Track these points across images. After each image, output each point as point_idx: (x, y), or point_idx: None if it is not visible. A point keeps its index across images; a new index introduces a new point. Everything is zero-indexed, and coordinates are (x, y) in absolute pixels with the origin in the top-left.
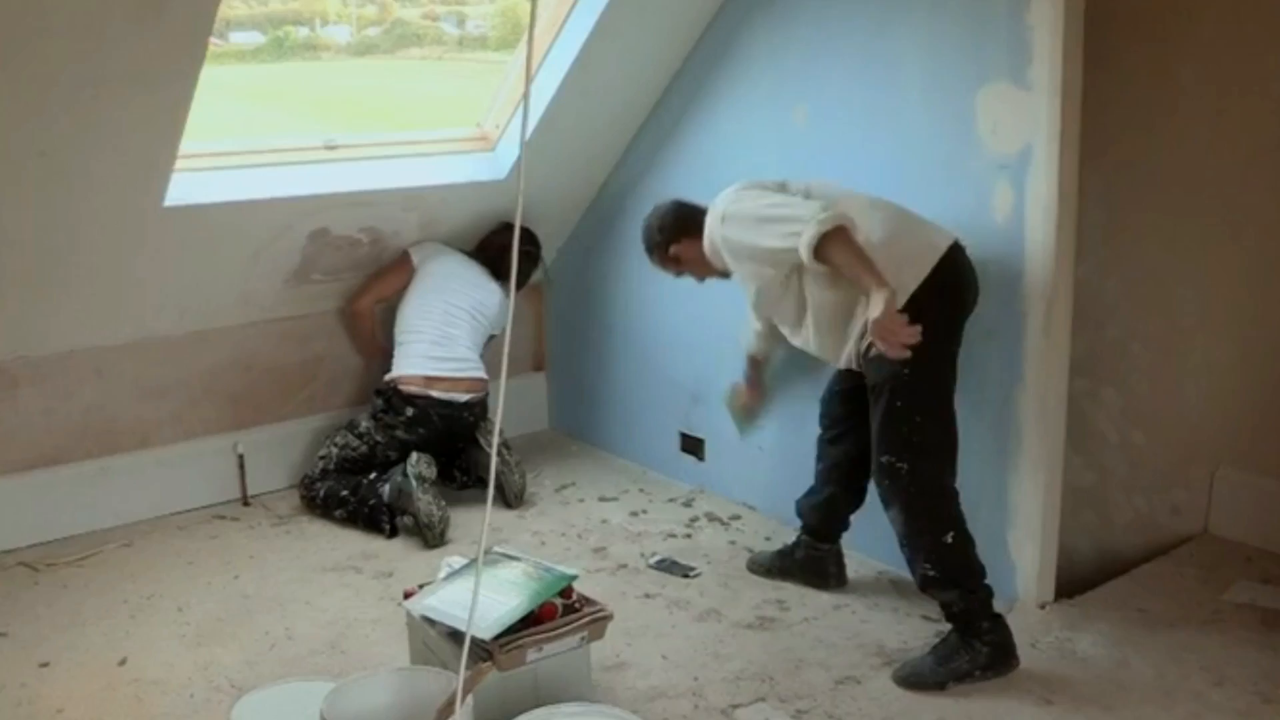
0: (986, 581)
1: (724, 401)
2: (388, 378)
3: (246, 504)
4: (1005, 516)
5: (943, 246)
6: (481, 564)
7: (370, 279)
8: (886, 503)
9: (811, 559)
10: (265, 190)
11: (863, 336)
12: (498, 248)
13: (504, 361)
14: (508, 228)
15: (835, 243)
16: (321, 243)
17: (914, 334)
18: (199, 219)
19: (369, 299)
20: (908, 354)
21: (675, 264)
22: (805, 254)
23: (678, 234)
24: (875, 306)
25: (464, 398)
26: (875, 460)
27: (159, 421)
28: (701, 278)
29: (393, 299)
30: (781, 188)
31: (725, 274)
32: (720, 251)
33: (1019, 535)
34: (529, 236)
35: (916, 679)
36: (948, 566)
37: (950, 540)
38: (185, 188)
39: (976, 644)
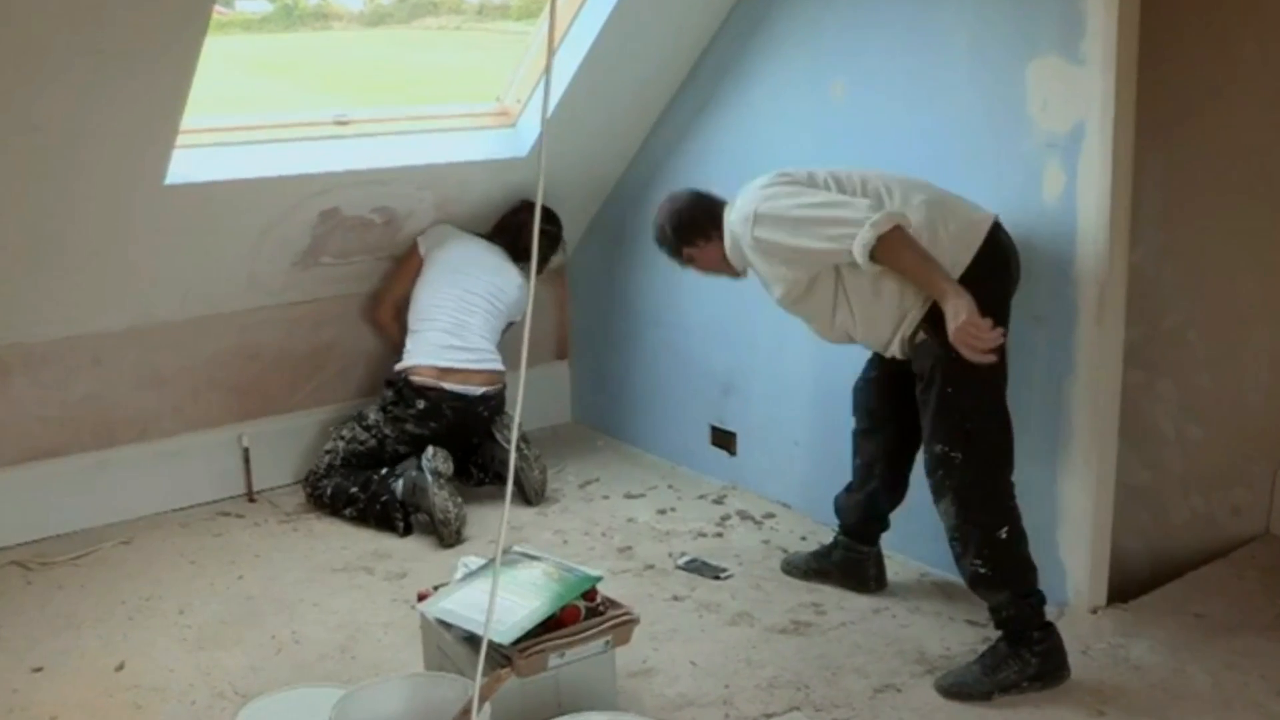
0: (1040, 587)
1: None
2: (398, 367)
3: (252, 500)
4: (1054, 516)
5: (985, 225)
6: (500, 564)
7: (384, 283)
8: (938, 495)
9: (850, 561)
10: (272, 168)
11: (909, 323)
12: (517, 227)
13: (523, 350)
14: (527, 206)
15: (894, 244)
16: (332, 223)
17: (998, 337)
18: (202, 198)
19: (387, 307)
20: (994, 359)
21: (687, 262)
22: (861, 257)
23: (694, 235)
24: (953, 313)
25: (479, 391)
26: (928, 450)
27: (160, 412)
28: (710, 274)
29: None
30: (810, 180)
31: (739, 274)
32: (746, 252)
33: (1069, 536)
34: (549, 215)
35: (961, 688)
36: (1000, 564)
37: (1004, 536)
38: (187, 165)
39: (1026, 653)
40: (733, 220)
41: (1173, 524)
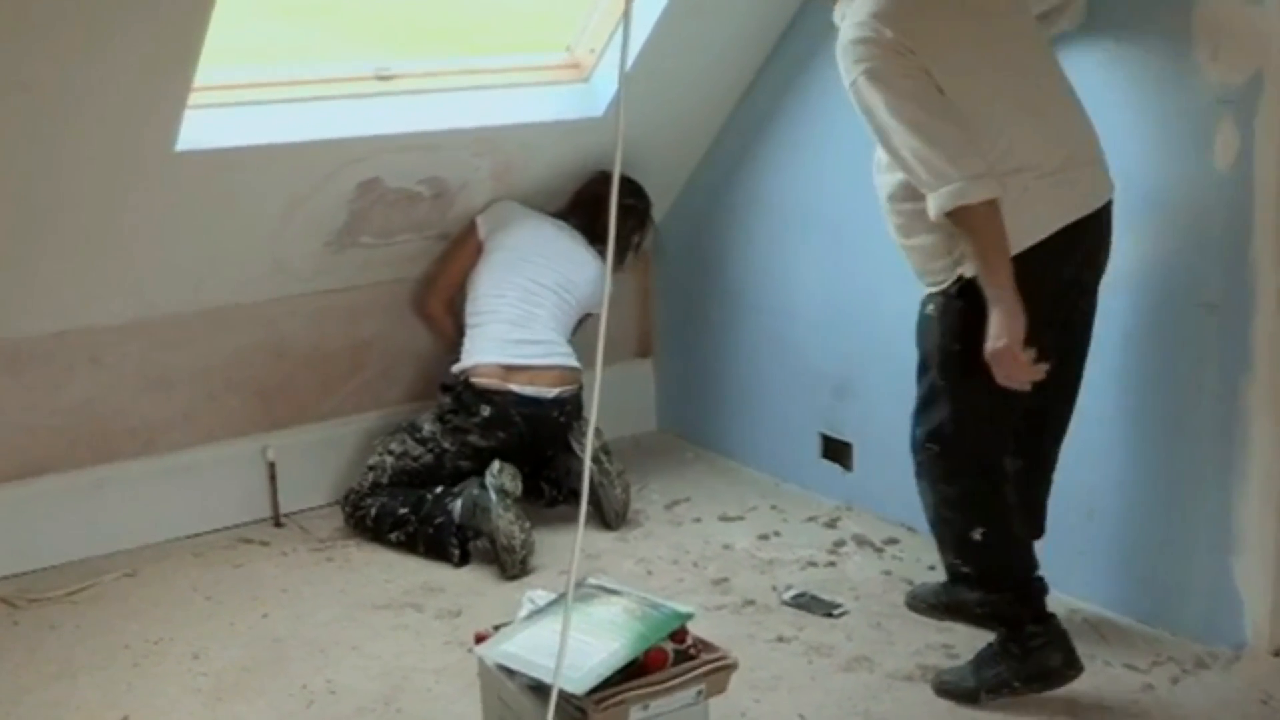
0: (1036, 575)
1: None
2: (457, 368)
3: (279, 525)
4: (1228, 540)
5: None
6: (573, 599)
7: (435, 268)
8: (917, 475)
9: None
10: (302, 131)
11: (946, 268)
12: (595, 203)
13: (599, 345)
14: (606, 178)
15: (974, 218)
16: (372, 197)
17: (1037, 373)
18: (218, 167)
19: (438, 297)
20: (1028, 388)
21: None
22: (934, 209)
23: None
24: (996, 332)
25: (552, 392)
26: (911, 427)
27: (169, 421)
28: None
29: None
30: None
31: None
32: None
33: (1246, 564)
34: (633, 188)
35: (950, 686)
36: (976, 564)
37: (978, 537)
38: (201, 128)
39: (1015, 649)
40: (847, 26)
41: None
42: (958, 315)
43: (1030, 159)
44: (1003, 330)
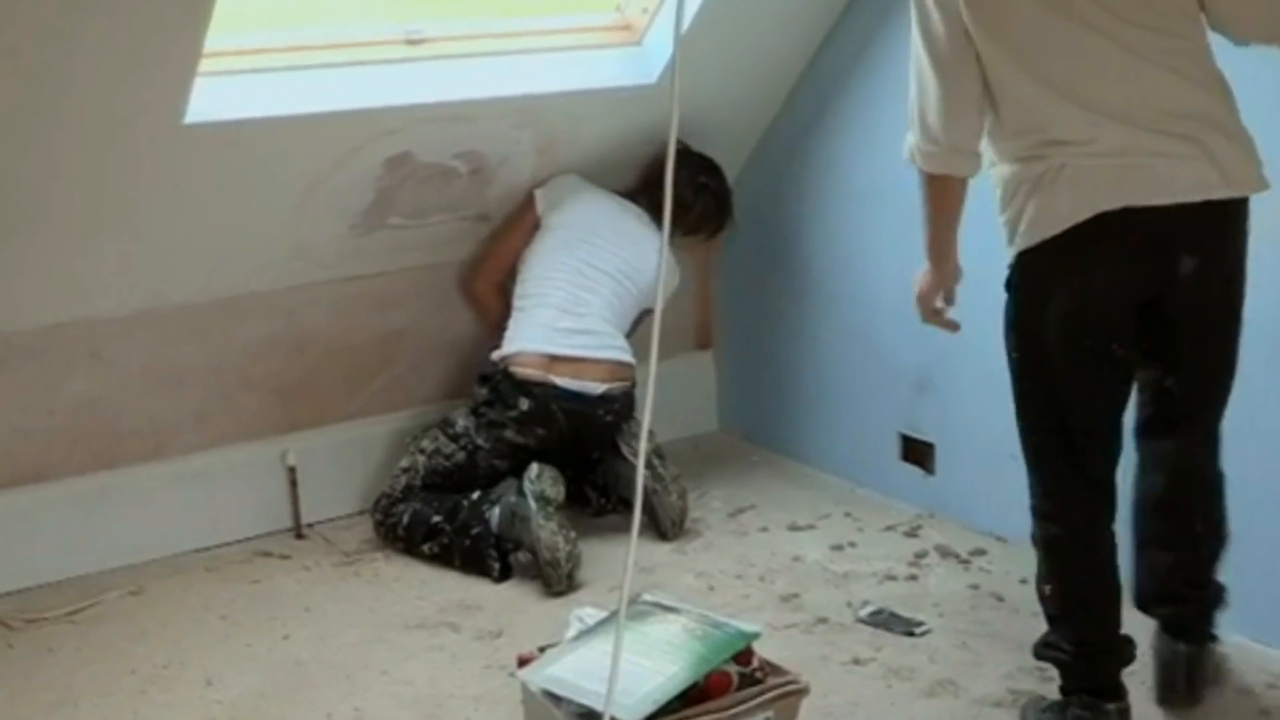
0: (1103, 644)
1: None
2: (496, 355)
3: (300, 536)
4: None
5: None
6: (625, 617)
7: (487, 246)
8: None
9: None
10: (324, 101)
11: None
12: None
13: (654, 335)
14: (684, 153)
15: (923, 180)
16: (402, 173)
17: (938, 321)
18: (231, 141)
19: (488, 276)
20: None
21: None
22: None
23: None
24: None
25: (599, 388)
26: None
27: (178, 422)
28: None
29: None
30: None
31: None
32: None
33: None
34: (708, 166)
35: None
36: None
37: (1048, 591)
38: (212, 98)
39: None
40: None
41: None
42: (1007, 309)
43: (1074, 135)
44: (918, 280)
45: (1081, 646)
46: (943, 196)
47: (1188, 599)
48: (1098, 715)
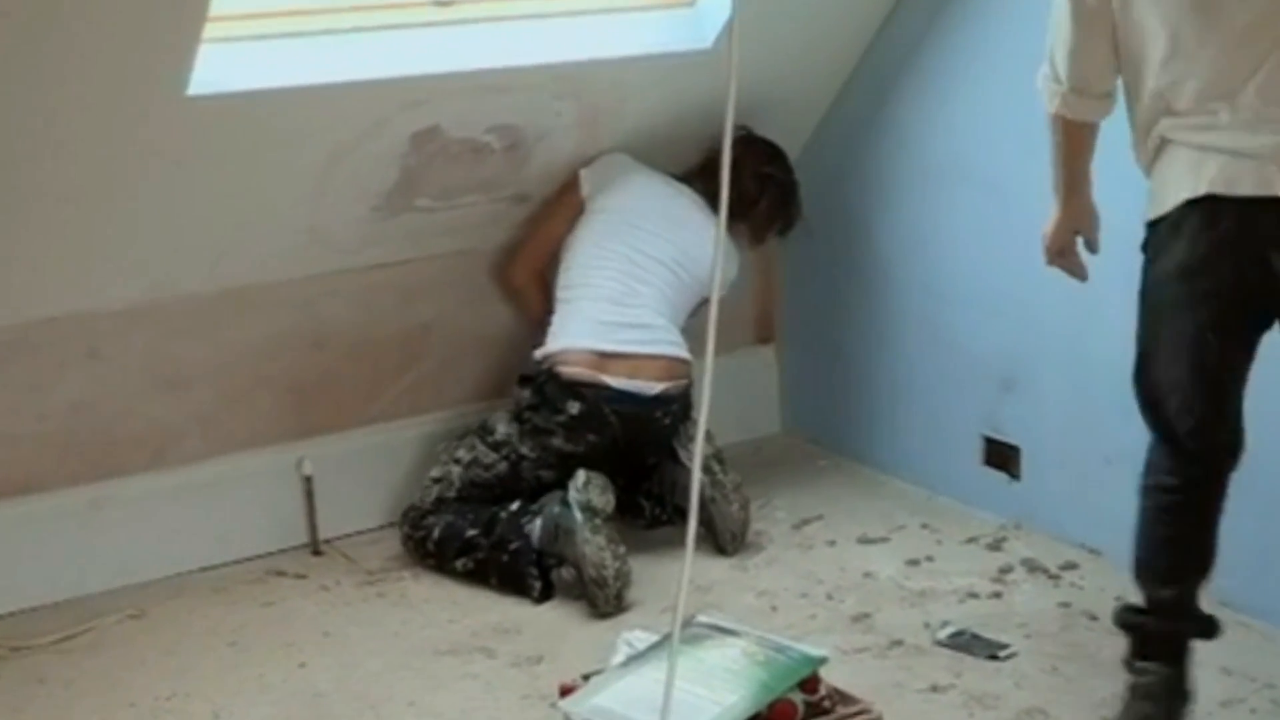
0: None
1: None
2: (540, 353)
3: (318, 553)
4: None
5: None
6: (679, 641)
7: (526, 229)
8: None
9: None
10: (343, 70)
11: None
12: (733, 167)
13: (710, 328)
14: (747, 140)
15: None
16: (430, 149)
17: (1066, 263)
18: (241, 115)
19: (528, 265)
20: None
21: None
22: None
23: None
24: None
25: (656, 388)
26: None
27: (182, 426)
28: None
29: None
30: None
31: None
32: None
33: None
34: (772, 153)
35: None
36: None
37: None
38: (219, 67)
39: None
40: None
41: None
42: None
43: (1183, 105)
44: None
45: None
46: (1066, 136)
47: None
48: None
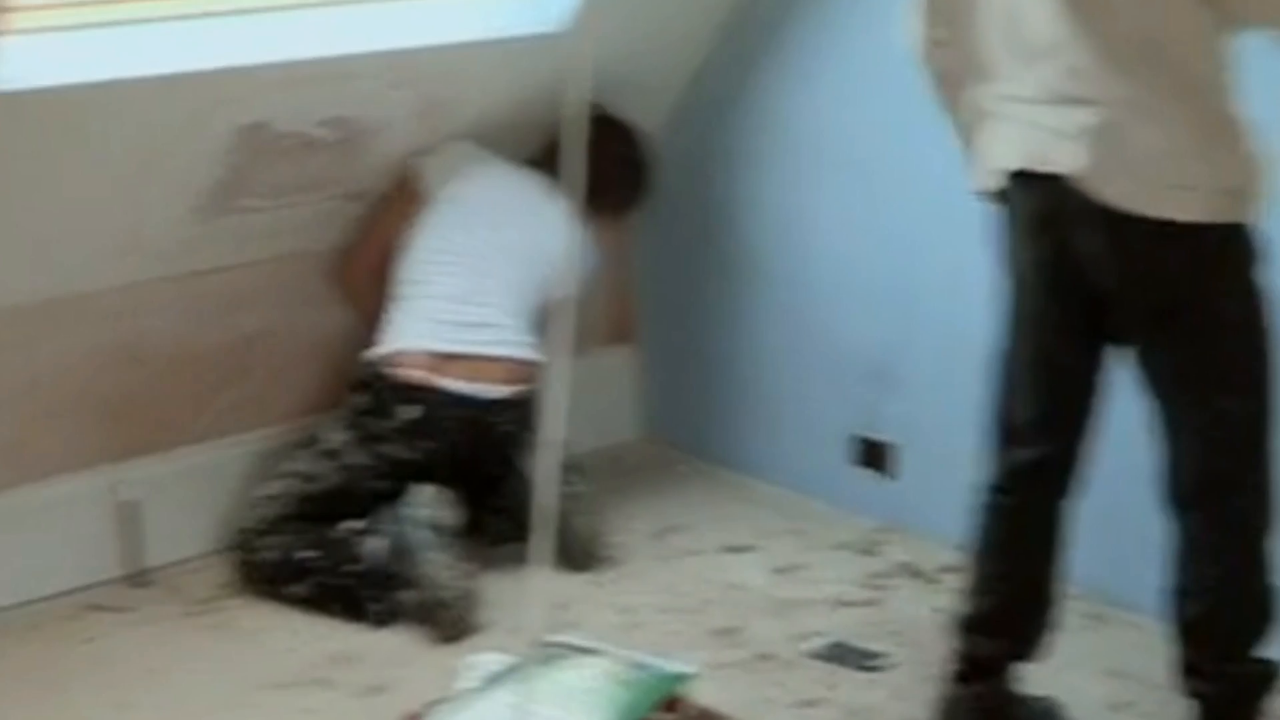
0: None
1: None
2: (372, 355)
3: (141, 584)
4: None
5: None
6: (533, 663)
7: (364, 227)
8: None
9: None
10: (160, 62)
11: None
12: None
13: (565, 327)
14: (603, 121)
15: None
16: (257, 145)
17: None
18: (50, 112)
19: (364, 262)
20: None
21: None
22: None
23: None
24: None
25: (498, 391)
26: None
27: None
28: None
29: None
30: None
31: None
32: None
33: None
34: (624, 133)
35: None
36: None
37: None
38: (25, 60)
39: None
40: None
41: None
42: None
43: (1016, 91)
44: None
45: None
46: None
47: None
48: None
